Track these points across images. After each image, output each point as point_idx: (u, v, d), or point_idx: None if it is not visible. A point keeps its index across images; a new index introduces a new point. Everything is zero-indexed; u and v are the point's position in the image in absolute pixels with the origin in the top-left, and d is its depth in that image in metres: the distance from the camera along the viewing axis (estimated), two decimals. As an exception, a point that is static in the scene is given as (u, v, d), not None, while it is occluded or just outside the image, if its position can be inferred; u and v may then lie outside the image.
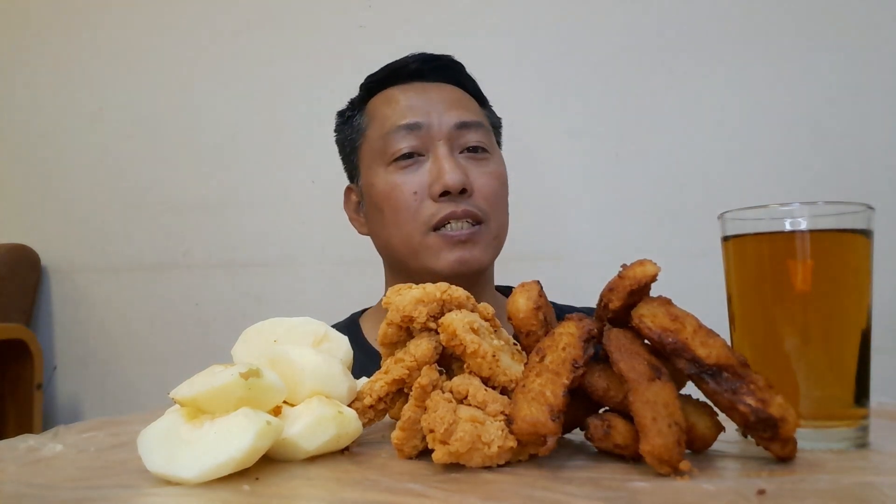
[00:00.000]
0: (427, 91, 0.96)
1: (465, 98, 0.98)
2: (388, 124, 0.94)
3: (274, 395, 0.45)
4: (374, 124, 0.97)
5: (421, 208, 0.90)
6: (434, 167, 0.90)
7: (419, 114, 0.92)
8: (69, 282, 1.68)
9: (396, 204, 0.91)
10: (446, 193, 0.89)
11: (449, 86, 0.98)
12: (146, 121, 1.64)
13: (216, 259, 1.58)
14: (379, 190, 0.93)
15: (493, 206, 0.93)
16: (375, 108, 0.98)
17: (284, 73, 1.56)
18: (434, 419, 0.41)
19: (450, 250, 0.89)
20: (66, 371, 1.66)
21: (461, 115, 0.93)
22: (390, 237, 0.93)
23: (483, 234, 0.91)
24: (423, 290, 0.50)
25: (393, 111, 0.94)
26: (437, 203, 0.89)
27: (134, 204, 1.64)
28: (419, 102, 0.94)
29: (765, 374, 0.41)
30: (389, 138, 0.92)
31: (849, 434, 0.46)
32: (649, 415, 0.39)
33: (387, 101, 0.97)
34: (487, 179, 0.93)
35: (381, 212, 0.93)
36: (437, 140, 0.92)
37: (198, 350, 1.56)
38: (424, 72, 0.97)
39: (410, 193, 0.90)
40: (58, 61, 1.71)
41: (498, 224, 0.94)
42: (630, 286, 0.43)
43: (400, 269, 0.96)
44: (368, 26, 1.52)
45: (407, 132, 0.92)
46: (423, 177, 0.91)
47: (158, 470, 0.41)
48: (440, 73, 0.98)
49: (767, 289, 0.49)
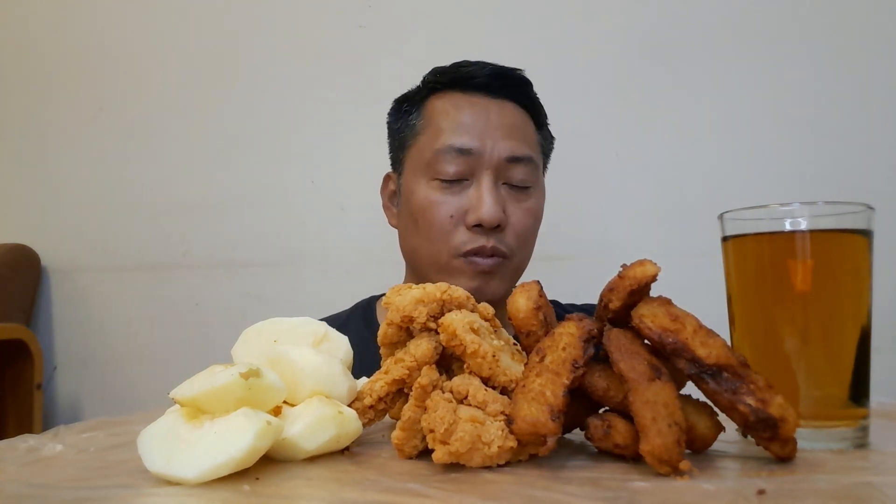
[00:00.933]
0: (489, 111, 0.94)
1: (524, 124, 0.97)
2: (441, 139, 0.93)
3: (274, 395, 0.45)
4: (428, 131, 0.96)
5: (454, 233, 0.91)
6: (475, 196, 0.91)
7: (474, 137, 0.92)
8: (69, 282, 1.68)
9: (431, 221, 0.92)
10: (480, 226, 0.90)
11: (510, 106, 0.96)
12: (146, 121, 1.64)
13: (216, 259, 1.58)
14: (417, 201, 0.94)
15: (521, 242, 0.94)
16: (433, 114, 0.97)
17: (284, 73, 1.56)
18: (434, 419, 0.41)
19: (471, 278, 0.91)
20: (66, 371, 1.66)
21: (514, 147, 0.93)
22: (418, 248, 0.95)
23: (504, 267, 0.93)
24: (423, 290, 0.50)
25: (449, 125, 0.94)
26: (470, 232, 0.91)
27: (134, 204, 1.64)
28: (478, 124, 0.93)
29: (765, 374, 0.41)
30: (439, 156, 0.92)
31: (849, 434, 0.46)
32: (649, 415, 0.39)
33: (446, 111, 0.96)
34: (522, 216, 0.94)
35: (415, 222, 0.95)
36: (486, 169, 0.92)
37: (198, 350, 1.56)
38: (492, 87, 0.96)
39: (447, 216, 0.91)
40: (58, 61, 1.71)
41: (521, 259, 0.96)
42: (630, 286, 0.43)
43: (419, 274, 0.97)
44: (368, 26, 1.52)
45: (458, 154, 0.92)
46: (462, 201, 0.91)
47: (158, 470, 0.41)
48: (507, 91, 0.97)
49: (767, 289, 0.49)
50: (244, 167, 1.57)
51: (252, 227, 1.56)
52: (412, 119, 0.99)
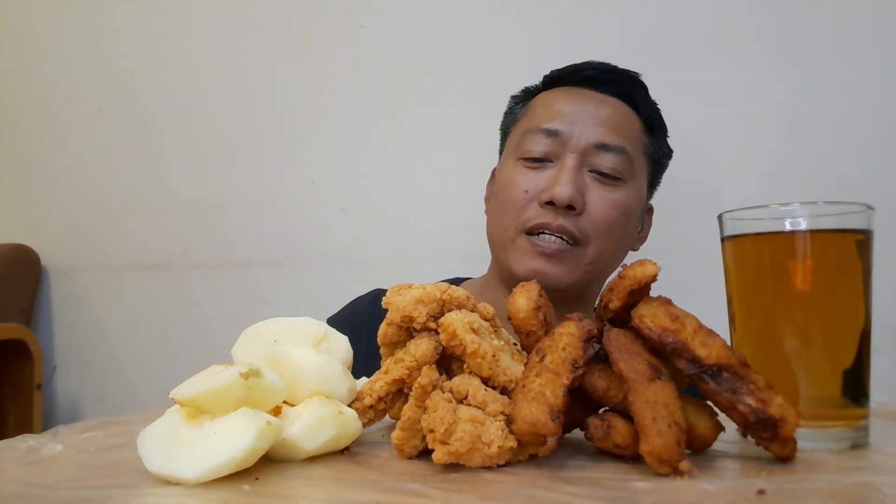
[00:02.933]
0: (587, 100, 0.93)
1: (626, 120, 0.94)
2: (533, 122, 0.94)
3: (274, 395, 0.45)
4: (526, 118, 0.97)
5: (526, 209, 0.89)
6: (554, 175, 0.89)
7: (565, 121, 0.91)
8: (69, 282, 1.67)
9: (507, 197, 0.91)
10: (552, 204, 0.87)
11: (616, 101, 0.94)
12: (146, 121, 1.64)
13: (216, 259, 1.58)
14: (502, 179, 0.95)
15: (600, 232, 0.89)
16: (536, 104, 0.98)
17: (284, 72, 1.56)
18: (434, 419, 0.41)
19: (532, 258, 0.88)
20: (66, 371, 1.66)
21: (605, 134, 0.90)
22: (494, 225, 0.95)
23: (574, 255, 0.88)
24: (423, 290, 0.50)
25: (545, 111, 0.94)
26: (542, 210, 0.88)
27: (134, 204, 1.64)
28: (572, 110, 0.92)
29: (765, 374, 0.41)
30: (528, 136, 0.92)
31: (849, 434, 0.46)
32: (649, 415, 0.39)
33: (545, 101, 0.96)
34: (605, 204, 0.89)
35: (497, 197, 0.95)
36: (570, 151, 0.90)
37: (198, 350, 1.56)
38: (599, 80, 0.95)
39: (522, 191, 0.90)
40: (58, 61, 1.71)
41: (598, 251, 0.90)
42: (630, 286, 0.43)
43: (494, 257, 0.98)
44: (368, 26, 1.52)
45: (545, 136, 0.91)
46: (541, 180, 0.90)
47: (158, 470, 0.41)
48: (614, 87, 0.95)
49: (767, 289, 0.49)
50: (244, 167, 1.57)
51: (252, 227, 1.56)
52: (517, 109, 1.01)
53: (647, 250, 0.99)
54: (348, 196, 1.52)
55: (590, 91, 0.95)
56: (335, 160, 1.53)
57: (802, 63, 1.30)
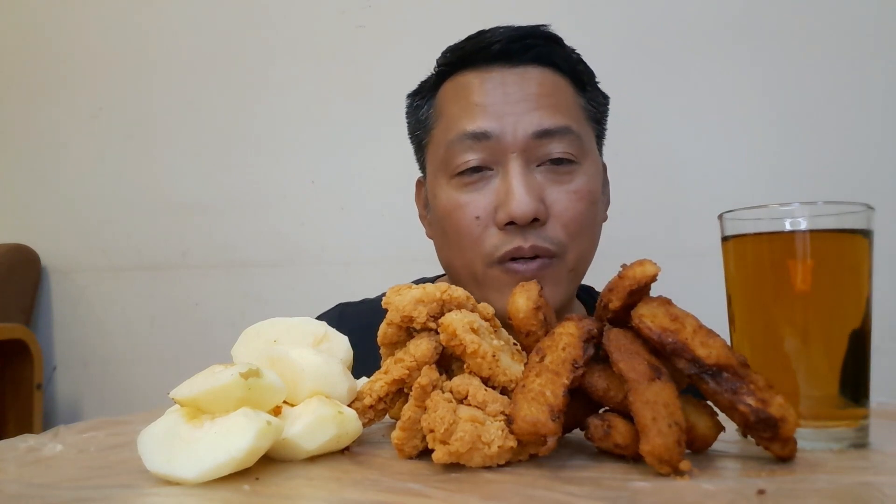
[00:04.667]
0: (506, 82, 0.79)
1: (556, 89, 0.80)
2: (453, 129, 0.79)
3: (274, 395, 0.45)
4: (440, 124, 0.83)
5: (484, 237, 0.77)
6: (502, 188, 0.76)
7: (491, 117, 0.77)
8: (69, 282, 1.68)
9: (458, 227, 0.78)
10: (513, 223, 0.75)
11: (537, 70, 0.80)
12: (146, 121, 1.64)
13: (216, 259, 1.58)
14: (441, 206, 0.81)
15: (573, 235, 0.78)
16: (444, 102, 0.83)
17: (284, 73, 1.56)
18: (434, 419, 0.41)
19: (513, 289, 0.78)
20: (66, 371, 1.66)
21: (543, 118, 0.77)
22: (452, 260, 0.82)
23: (556, 269, 0.77)
24: (423, 290, 0.50)
25: (461, 110, 0.79)
26: (503, 233, 0.76)
27: (134, 204, 1.64)
28: (493, 100, 0.78)
29: (765, 374, 0.41)
30: (453, 148, 0.79)
31: (849, 434, 0.46)
32: (649, 415, 0.39)
33: (456, 96, 0.81)
34: (569, 201, 0.77)
35: (444, 231, 0.82)
36: (510, 153, 0.76)
37: (198, 350, 1.56)
38: (510, 52, 0.80)
39: (472, 218, 0.77)
40: (58, 61, 1.71)
41: (577, 255, 0.79)
42: (630, 286, 0.43)
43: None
44: (368, 26, 1.52)
45: (473, 142, 0.77)
46: (488, 198, 0.77)
47: (158, 470, 0.41)
48: (529, 54, 0.81)
49: (767, 289, 0.49)
50: (244, 167, 1.57)
51: (252, 227, 1.56)
52: (423, 113, 0.87)
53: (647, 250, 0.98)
54: (348, 196, 1.52)
55: (503, 68, 0.80)
56: (335, 160, 1.53)
57: (802, 63, 1.30)
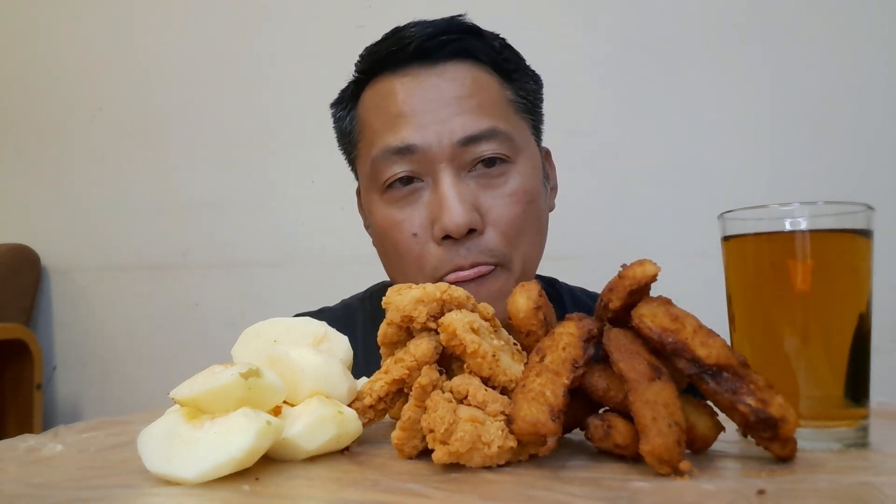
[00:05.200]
0: (423, 87, 0.76)
1: (478, 86, 0.78)
2: (376, 145, 0.77)
3: (274, 395, 0.45)
4: (364, 138, 0.81)
5: (424, 254, 0.75)
6: (434, 200, 0.74)
7: (412, 126, 0.75)
8: (69, 282, 1.68)
9: (396, 246, 0.77)
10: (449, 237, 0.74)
11: (458, 69, 0.78)
12: (146, 121, 1.64)
13: (216, 259, 1.58)
14: (378, 223, 0.80)
15: (513, 240, 0.76)
16: (366, 113, 0.80)
17: (284, 73, 1.56)
18: (434, 419, 0.41)
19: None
20: (66, 371, 1.66)
21: (467, 124, 0.75)
22: (396, 277, 0.81)
23: (499, 279, 0.75)
24: (423, 290, 0.50)
25: (383, 124, 0.77)
26: (441, 248, 0.74)
27: (134, 204, 1.64)
28: (414, 107, 0.75)
29: (765, 374, 0.41)
30: (378, 164, 0.77)
31: (849, 434, 0.46)
32: (649, 415, 0.39)
33: (376, 107, 0.79)
34: (504, 207, 0.75)
35: (383, 248, 0.81)
36: (438, 163, 0.74)
37: (198, 350, 1.56)
38: (427, 50, 0.78)
39: (409, 235, 0.76)
40: (58, 61, 1.71)
41: (521, 261, 0.77)
42: (630, 286, 0.43)
43: None
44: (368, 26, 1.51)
45: (399, 157, 0.75)
46: (422, 212, 0.75)
47: (158, 470, 0.41)
48: (447, 50, 0.78)
49: (767, 289, 0.49)
50: (244, 167, 1.57)
51: (252, 227, 1.56)
52: (346, 125, 0.84)
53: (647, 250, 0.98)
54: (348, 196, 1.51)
55: (420, 69, 0.77)
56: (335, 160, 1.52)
57: (803, 63, 1.30)
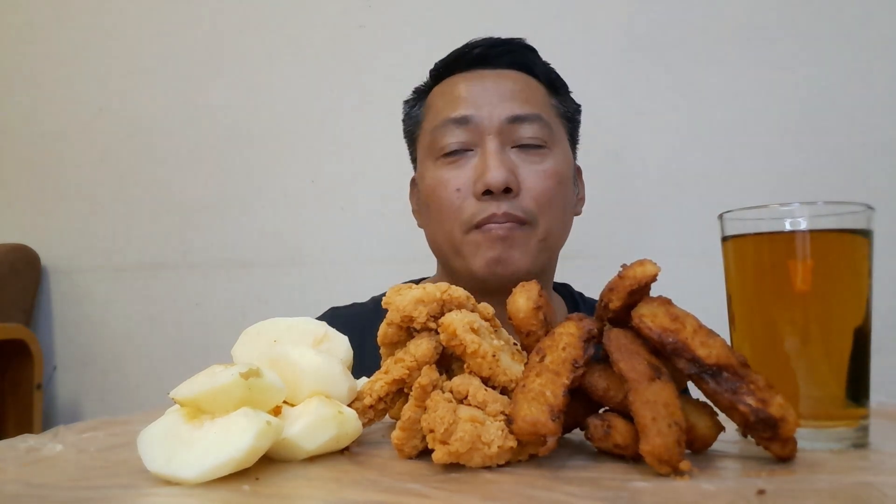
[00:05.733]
0: (485, 80, 0.91)
1: (529, 87, 0.92)
2: (439, 117, 0.91)
3: (274, 395, 0.45)
4: (428, 116, 0.95)
5: (463, 206, 0.87)
6: (480, 163, 0.87)
7: (470, 106, 0.89)
8: (69, 282, 1.68)
9: (440, 201, 0.89)
10: (489, 192, 0.85)
11: (513, 73, 0.93)
12: (146, 121, 1.64)
13: (216, 259, 1.58)
14: (427, 185, 0.92)
15: (543, 207, 0.87)
16: (433, 99, 0.95)
17: (284, 73, 1.56)
18: (434, 419, 0.41)
19: (487, 248, 0.85)
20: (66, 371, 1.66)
21: (515, 107, 0.88)
22: (435, 234, 0.92)
23: (526, 235, 0.86)
24: (423, 290, 0.50)
25: (446, 103, 0.91)
26: (480, 202, 0.86)
27: (134, 204, 1.64)
28: (473, 93, 0.90)
29: (765, 374, 0.41)
30: (438, 132, 0.90)
31: (849, 434, 0.46)
32: (649, 415, 0.39)
33: (443, 92, 0.94)
34: (539, 178, 0.87)
35: (428, 207, 0.92)
36: (487, 135, 0.88)
37: (198, 350, 1.56)
38: (490, 57, 0.93)
39: (454, 190, 0.87)
40: (58, 61, 1.71)
41: (547, 227, 0.88)
42: (630, 286, 0.43)
43: (446, 268, 0.95)
44: (368, 26, 1.52)
45: (455, 126, 0.88)
46: (468, 173, 0.87)
47: (158, 470, 0.41)
48: (507, 59, 0.93)
49: (767, 289, 0.49)
50: (244, 167, 1.57)
51: (252, 227, 1.56)
52: (415, 112, 0.98)
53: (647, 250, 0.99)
54: (348, 196, 1.52)
55: (483, 70, 0.93)
56: (335, 160, 1.53)
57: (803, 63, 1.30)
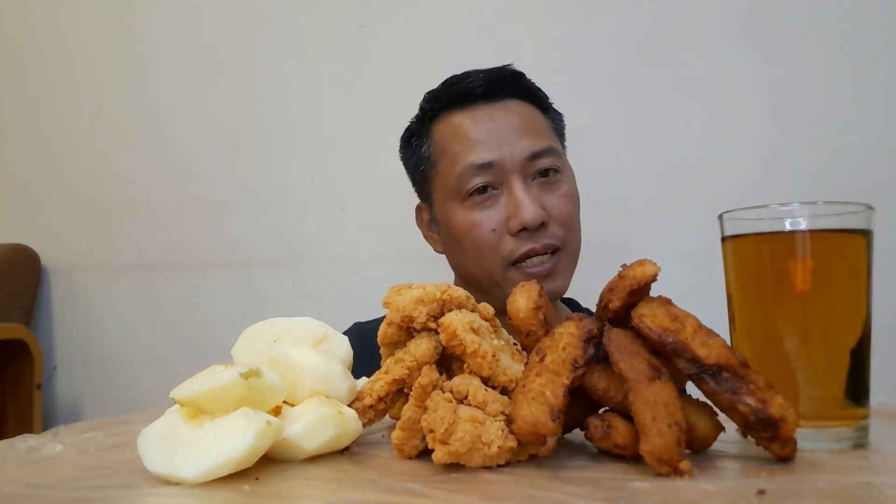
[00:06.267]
0: (495, 117, 0.96)
1: (531, 116, 0.98)
2: (460, 163, 0.94)
3: (274, 395, 0.45)
4: (444, 159, 0.98)
5: (501, 244, 0.92)
6: (510, 202, 0.92)
7: (491, 149, 0.93)
8: (69, 282, 1.67)
9: (477, 241, 0.93)
10: (525, 229, 0.91)
11: (514, 104, 0.98)
12: (146, 121, 1.64)
13: (216, 259, 1.58)
14: (457, 225, 0.96)
15: (569, 229, 0.95)
16: (444, 141, 0.98)
17: (284, 73, 1.56)
18: (434, 419, 0.41)
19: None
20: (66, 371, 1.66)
21: (532, 144, 0.94)
22: (470, 268, 0.97)
23: (561, 261, 0.94)
24: (423, 290, 0.50)
25: (463, 147, 0.95)
26: (516, 239, 0.92)
27: (134, 204, 1.64)
28: (489, 135, 0.94)
29: (765, 374, 0.41)
30: (463, 177, 0.94)
31: (848, 434, 0.46)
32: (649, 415, 0.39)
33: (455, 134, 0.97)
34: (562, 204, 0.95)
35: (461, 245, 0.96)
36: (511, 174, 0.93)
37: (198, 350, 1.56)
38: (488, 93, 0.97)
39: (489, 231, 0.92)
40: (58, 61, 1.71)
41: (574, 245, 0.97)
42: (630, 286, 0.43)
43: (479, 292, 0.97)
44: (368, 26, 1.52)
45: (480, 170, 0.93)
46: (499, 212, 0.93)
47: (158, 470, 0.41)
48: (505, 91, 0.98)
49: (767, 289, 0.49)
50: (244, 167, 1.57)
51: (252, 227, 1.56)
52: (424, 151, 1.01)
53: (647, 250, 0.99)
54: (348, 196, 1.52)
55: (486, 105, 0.97)
56: (335, 160, 1.53)
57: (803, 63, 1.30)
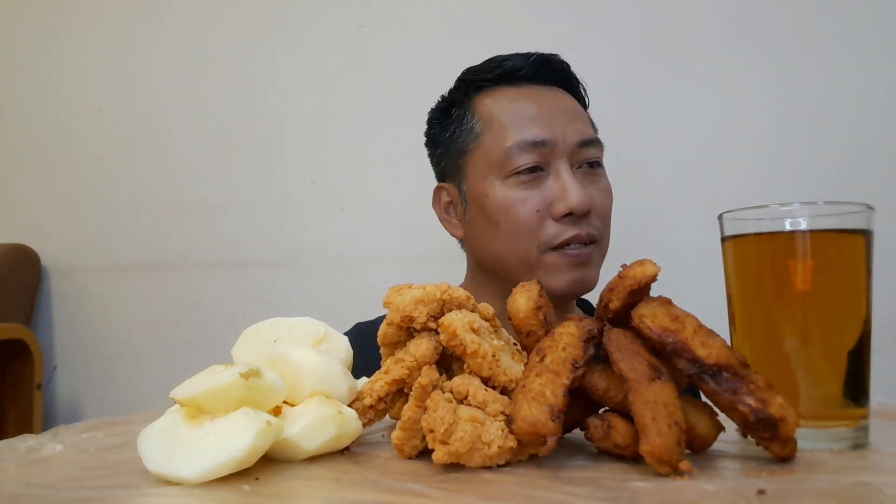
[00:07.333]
0: (544, 99, 0.93)
1: (579, 108, 0.96)
2: (510, 137, 0.90)
3: (274, 395, 0.45)
4: (489, 132, 0.93)
5: (542, 227, 0.89)
6: (557, 186, 0.88)
7: (543, 128, 0.90)
8: (69, 282, 1.68)
9: (516, 220, 0.89)
10: (569, 214, 0.88)
11: (560, 92, 0.96)
12: (146, 121, 1.64)
13: (216, 259, 1.58)
14: (496, 202, 0.91)
15: (606, 224, 0.93)
16: (491, 113, 0.94)
17: (284, 73, 1.56)
18: (434, 419, 0.41)
19: (569, 270, 0.88)
20: (66, 371, 1.66)
21: (583, 131, 0.91)
22: (502, 250, 0.92)
23: (597, 253, 0.92)
24: (423, 290, 0.50)
25: (514, 122, 0.91)
26: (559, 223, 0.88)
27: (134, 204, 1.64)
28: (540, 113, 0.91)
29: (765, 374, 0.41)
30: (512, 152, 0.90)
31: (848, 434, 0.46)
32: (649, 415, 0.39)
33: (503, 108, 0.93)
34: (602, 197, 0.92)
35: (496, 224, 0.91)
36: (560, 157, 0.89)
37: (198, 350, 1.56)
38: (539, 75, 0.95)
39: (533, 211, 0.88)
40: (58, 61, 1.71)
41: (606, 243, 0.94)
42: (630, 286, 0.43)
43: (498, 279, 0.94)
44: (368, 26, 1.52)
45: (533, 147, 0.89)
46: (545, 193, 0.89)
47: (158, 470, 0.41)
48: (553, 77, 0.96)
49: (767, 289, 0.49)
50: (244, 167, 1.57)
51: (252, 227, 1.56)
52: (466, 123, 0.96)
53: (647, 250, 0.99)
54: (348, 196, 1.52)
55: (536, 87, 0.94)
56: (335, 160, 1.53)
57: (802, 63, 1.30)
